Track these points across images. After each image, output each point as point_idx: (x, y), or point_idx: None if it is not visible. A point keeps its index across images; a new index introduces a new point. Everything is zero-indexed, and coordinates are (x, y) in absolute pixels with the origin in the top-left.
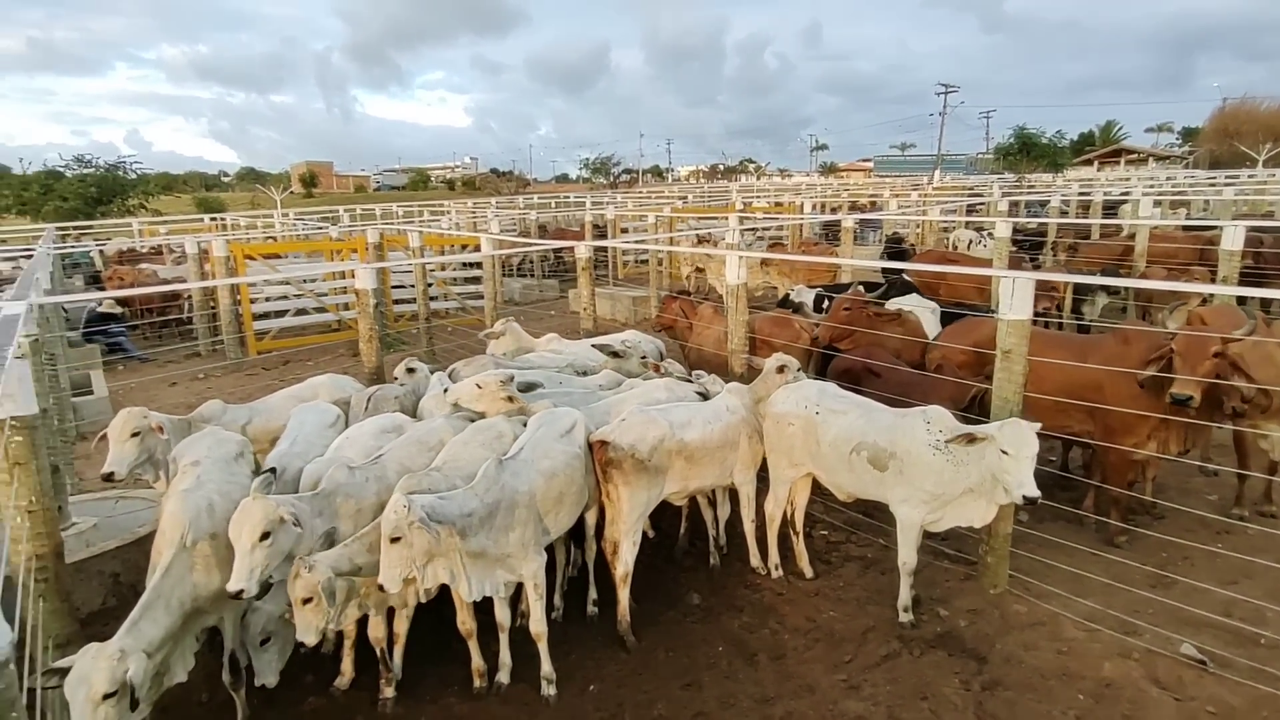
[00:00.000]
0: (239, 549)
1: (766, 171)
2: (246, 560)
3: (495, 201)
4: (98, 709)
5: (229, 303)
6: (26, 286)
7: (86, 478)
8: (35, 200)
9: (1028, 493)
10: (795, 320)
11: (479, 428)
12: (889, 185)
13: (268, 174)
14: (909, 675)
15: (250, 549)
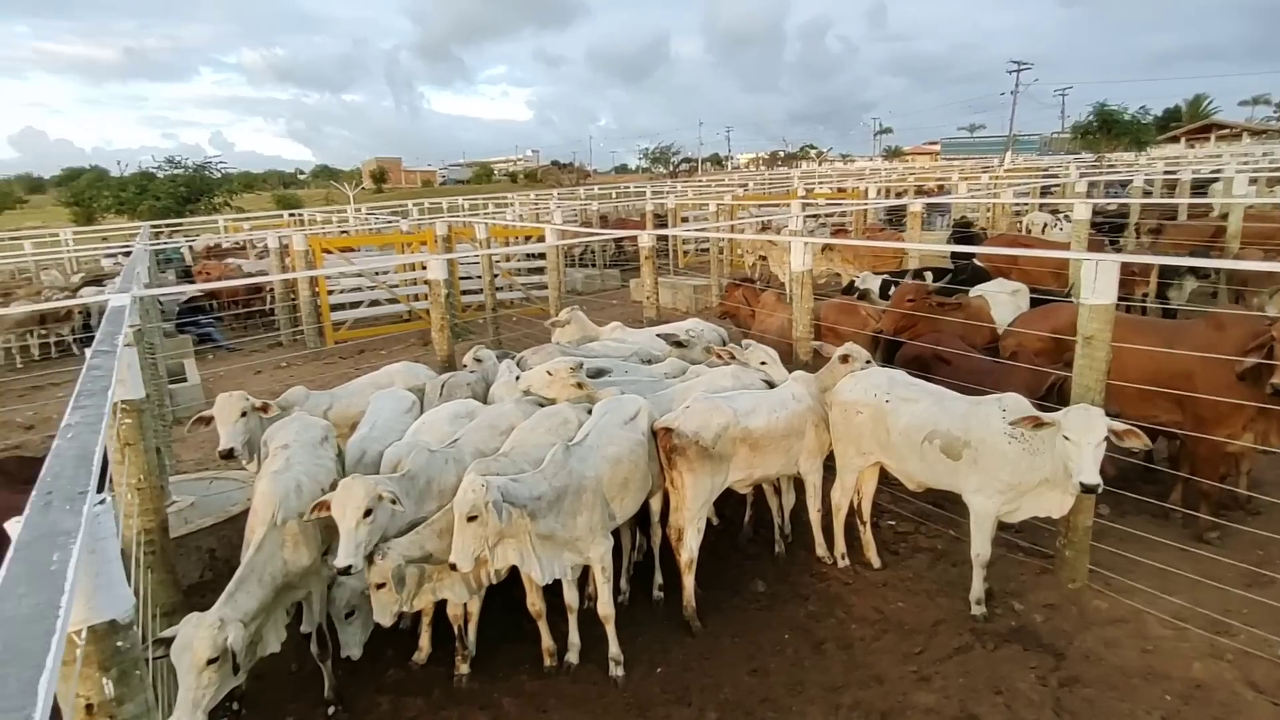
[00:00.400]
0: (344, 526)
1: (828, 157)
2: (352, 537)
3: (557, 193)
4: (202, 673)
5: (308, 294)
6: (129, 280)
7: (183, 460)
8: (132, 200)
9: (1085, 480)
10: (861, 307)
11: (546, 414)
12: (957, 168)
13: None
14: (982, 669)
15: (355, 526)
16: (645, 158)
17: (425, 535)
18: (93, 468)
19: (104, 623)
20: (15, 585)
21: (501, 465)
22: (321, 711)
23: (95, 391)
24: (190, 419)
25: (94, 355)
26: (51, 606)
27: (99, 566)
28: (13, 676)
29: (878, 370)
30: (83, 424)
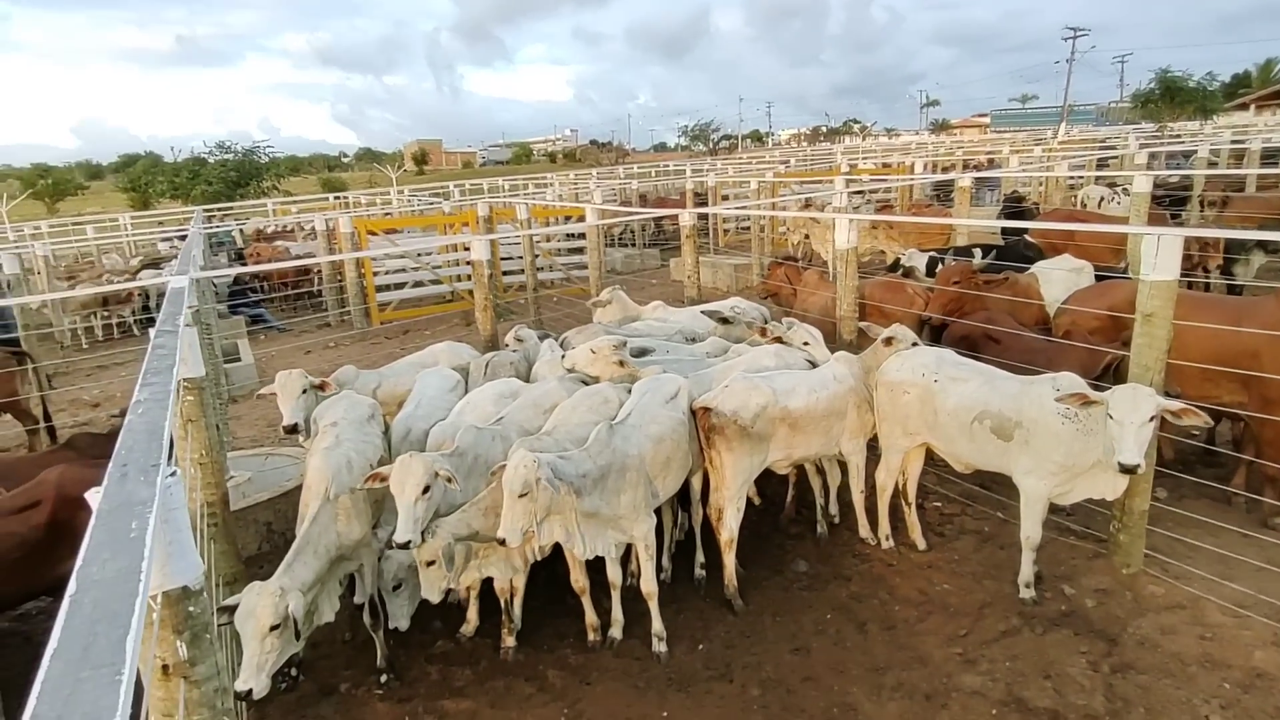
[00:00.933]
0: (403, 503)
1: (872, 132)
2: (410, 513)
3: (596, 173)
4: (265, 639)
5: (354, 276)
6: (186, 263)
7: (238, 437)
8: (185, 185)
9: (1125, 459)
10: (907, 285)
11: (586, 393)
12: (1008, 141)
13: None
14: (1030, 653)
15: (413, 502)
16: (685, 135)
17: (472, 514)
18: (163, 442)
19: (177, 588)
20: (100, 551)
21: (544, 444)
22: (374, 679)
23: (161, 370)
24: (244, 397)
25: (158, 335)
26: (134, 571)
27: (171, 535)
28: (103, 635)
29: (925, 349)
30: (151, 400)
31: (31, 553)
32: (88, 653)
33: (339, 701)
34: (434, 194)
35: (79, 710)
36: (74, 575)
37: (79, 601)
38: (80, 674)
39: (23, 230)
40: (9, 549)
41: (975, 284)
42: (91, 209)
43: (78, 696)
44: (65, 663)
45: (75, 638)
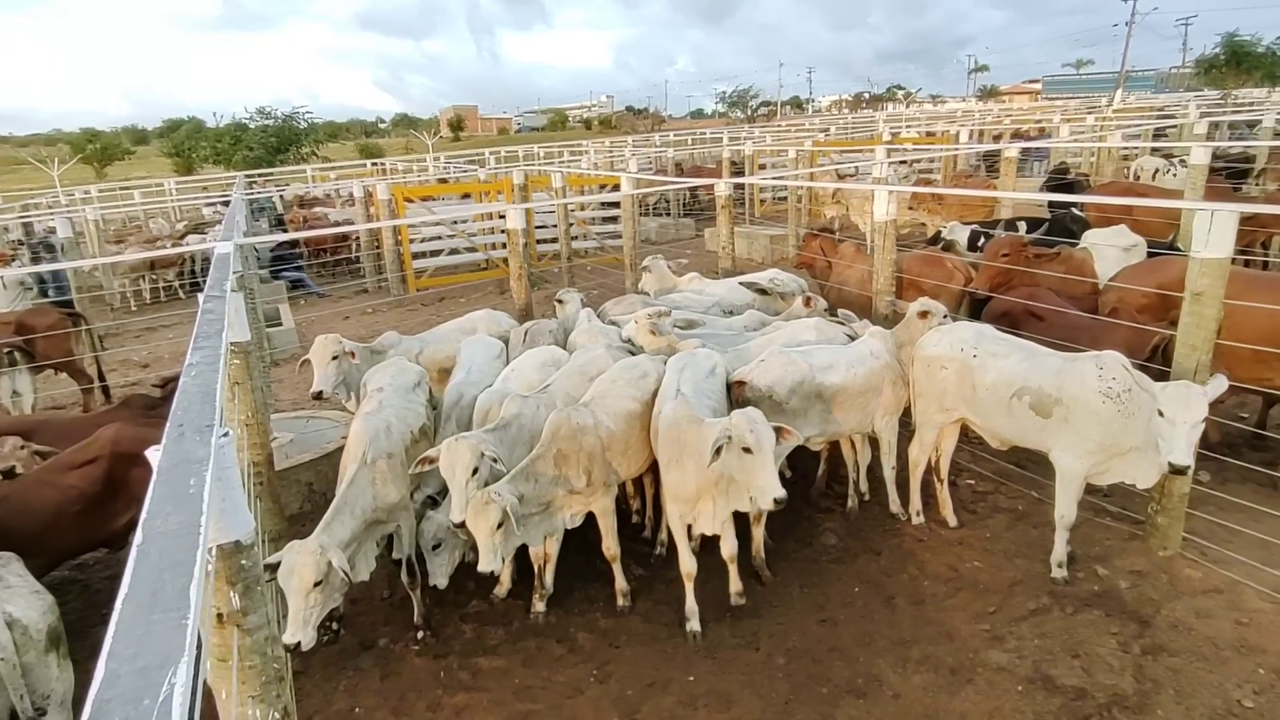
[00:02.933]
0: (454, 485)
1: (916, 98)
2: (462, 494)
3: (631, 140)
4: (309, 594)
5: (392, 243)
6: (231, 229)
7: (280, 399)
8: (227, 150)
9: (1175, 460)
10: (947, 259)
11: (625, 366)
12: (1059, 108)
13: (419, 119)
14: (1059, 631)
15: (464, 484)
16: (722, 102)
17: (517, 479)
18: (216, 403)
19: (230, 542)
20: (163, 505)
21: (581, 415)
22: (411, 635)
23: (211, 334)
24: (286, 360)
25: (206, 300)
26: (194, 524)
27: (224, 492)
28: (169, 583)
29: (965, 324)
30: (203, 363)
31: (90, 506)
32: (156, 598)
33: (378, 655)
34: (469, 160)
35: (151, 649)
36: (140, 527)
37: (146, 551)
38: (151, 617)
39: (74, 194)
40: (69, 502)
41: (1025, 258)
42: (138, 173)
43: (149, 637)
44: (136, 606)
45: (144, 584)
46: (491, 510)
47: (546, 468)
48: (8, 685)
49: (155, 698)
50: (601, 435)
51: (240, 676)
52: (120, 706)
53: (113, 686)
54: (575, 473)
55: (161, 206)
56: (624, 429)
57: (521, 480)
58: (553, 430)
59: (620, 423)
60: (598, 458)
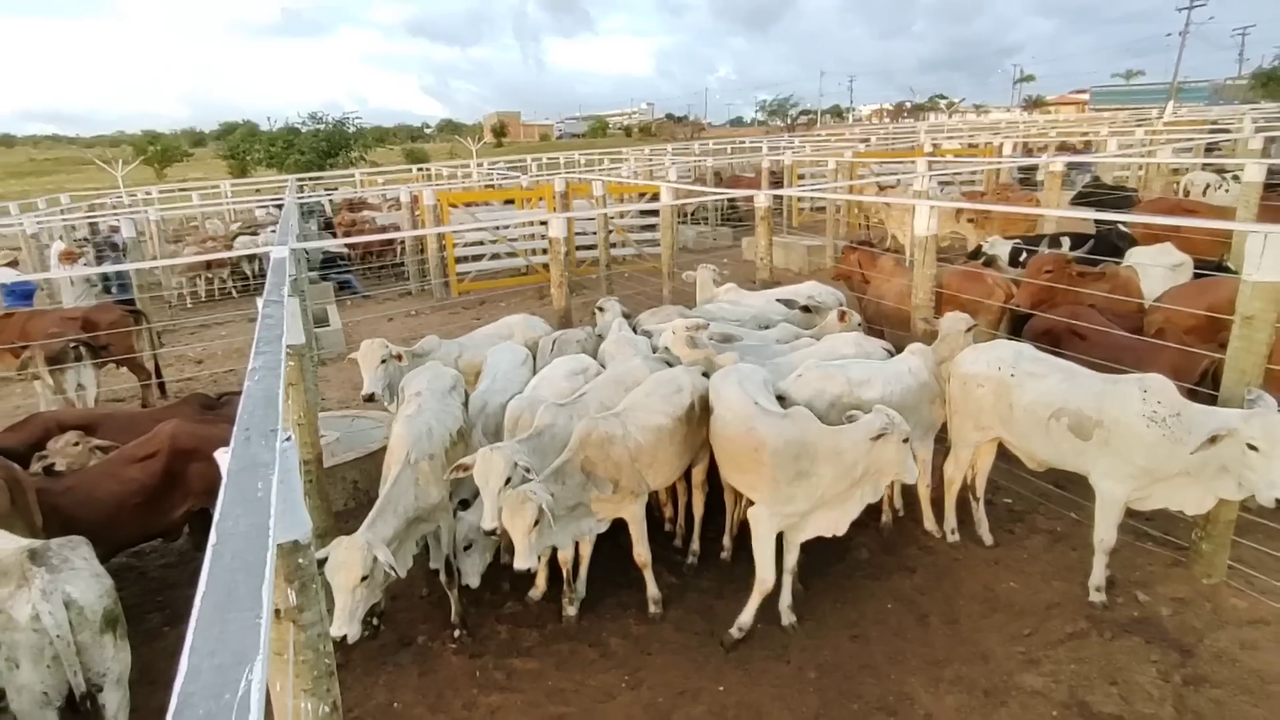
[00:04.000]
0: (487, 494)
1: (959, 108)
2: (494, 502)
3: (671, 148)
4: (355, 590)
5: (436, 247)
6: (285, 233)
7: (326, 398)
8: (280, 154)
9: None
10: (988, 275)
11: (660, 380)
12: (1107, 120)
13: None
14: (1097, 657)
15: (497, 494)
16: (762, 110)
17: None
18: (279, 408)
19: (289, 542)
20: (234, 508)
21: (610, 425)
22: (448, 634)
23: (271, 339)
24: (333, 360)
25: (266, 305)
26: (263, 527)
27: (285, 494)
28: (242, 583)
29: (1004, 342)
30: (265, 368)
31: (149, 498)
32: (231, 598)
33: (416, 652)
34: (511, 167)
35: (229, 646)
36: (214, 528)
37: (220, 552)
38: (227, 615)
39: (136, 195)
40: (131, 494)
41: (1069, 275)
42: (195, 175)
43: (226, 634)
44: (214, 605)
45: (220, 584)
46: (528, 509)
47: (574, 472)
48: (63, 661)
49: (235, 693)
50: (629, 446)
51: (295, 671)
52: (203, 701)
53: (195, 681)
54: (602, 480)
55: (217, 208)
56: (653, 441)
57: (552, 481)
58: (581, 437)
59: (649, 435)
60: (625, 467)
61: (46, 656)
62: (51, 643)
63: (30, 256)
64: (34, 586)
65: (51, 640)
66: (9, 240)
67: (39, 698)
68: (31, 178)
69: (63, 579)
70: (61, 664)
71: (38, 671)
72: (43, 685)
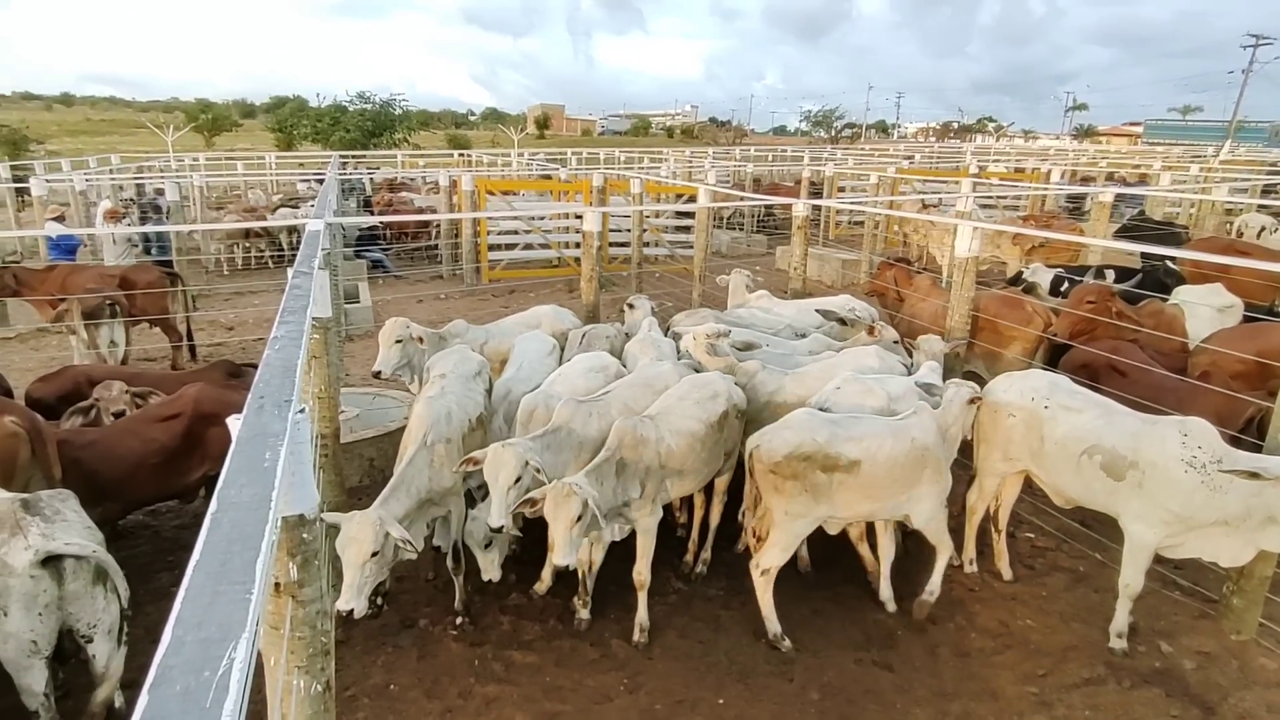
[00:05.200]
0: (496, 490)
1: (1007, 132)
2: (502, 499)
3: (712, 152)
4: (364, 565)
5: (470, 234)
6: (323, 207)
7: (350, 374)
8: (326, 130)
9: None
10: (1027, 302)
11: (695, 383)
12: (1160, 154)
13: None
14: (1113, 705)
15: (506, 490)
16: (806, 120)
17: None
18: (296, 379)
19: (294, 515)
20: (238, 476)
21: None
22: (450, 620)
23: (297, 309)
24: (359, 336)
25: (295, 276)
26: (265, 498)
27: (295, 467)
28: (237, 555)
29: (1039, 372)
30: (287, 338)
31: (169, 458)
32: (224, 569)
33: (417, 635)
34: (550, 159)
35: (215, 620)
36: (215, 495)
37: (219, 520)
38: (218, 587)
39: (183, 160)
40: (152, 453)
41: (1112, 308)
42: (242, 145)
43: (214, 607)
44: (205, 575)
45: (214, 554)
46: (573, 502)
47: (611, 473)
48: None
49: (215, 670)
50: (660, 451)
51: (290, 647)
52: (182, 675)
53: (177, 653)
54: (632, 483)
55: (260, 178)
56: (685, 447)
57: (594, 480)
58: (618, 438)
59: (682, 441)
60: (654, 472)
61: (38, 605)
62: (45, 590)
63: (77, 212)
64: (30, 534)
65: (46, 587)
66: (59, 195)
67: (27, 645)
68: (86, 136)
69: (56, 529)
70: (53, 613)
71: (28, 619)
72: (32, 634)
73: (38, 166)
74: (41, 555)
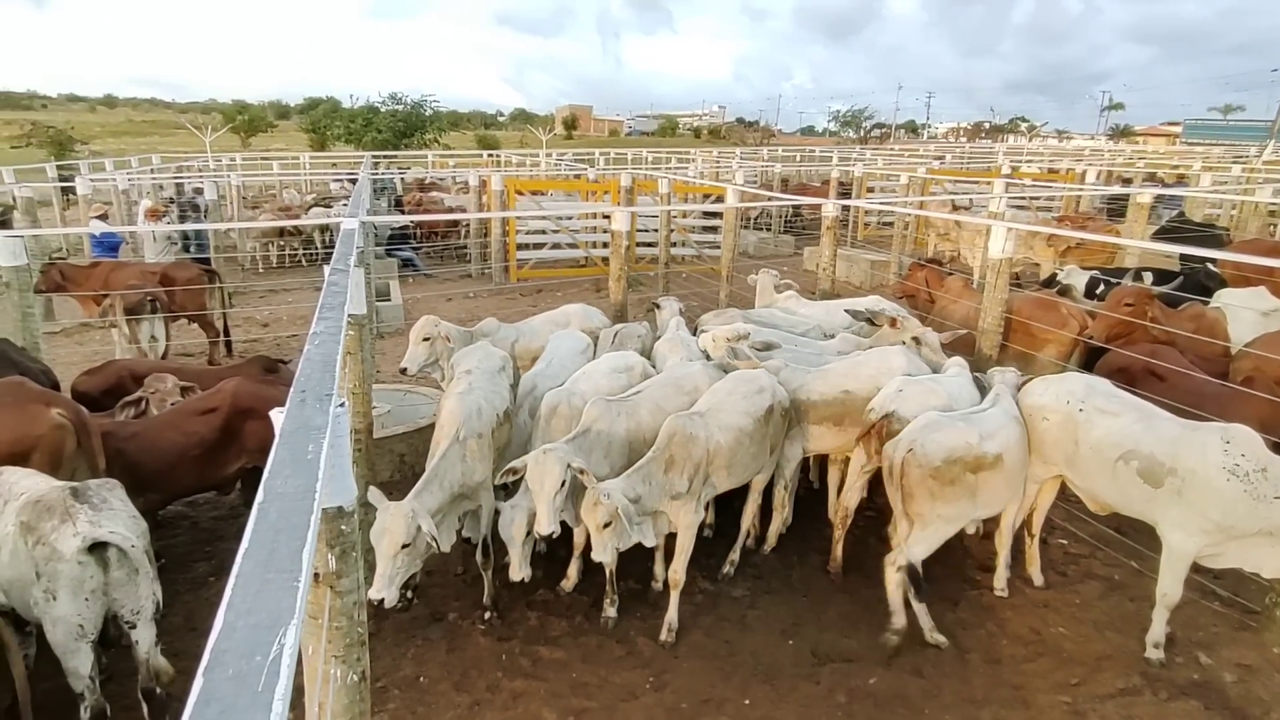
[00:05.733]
0: (543, 497)
1: (1041, 132)
2: (549, 506)
3: (739, 152)
4: (395, 556)
5: (499, 232)
6: (357, 206)
7: (381, 371)
8: (358, 131)
9: None
10: (1062, 304)
11: (742, 379)
12: (1200, 155)
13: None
14: (1149, 717)
15: (552, 496)
16: (835, 120)
17: (634, 480)
18: (335, 373)
19: (334, 507)
20: (283, 468)
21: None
22: (478, 614)
23: (334, 306)
24: (390, 334)
25: (332, 273)
26: (310, 489)
27: (335, 459)
28: (284, 544)
29: (1076, 375)
30: (326, 334)
31: (207, 451)
32: (272, 557)
33: (446, 629)
34: (578, 159)
35: (265, 607)
36: (261, 486)
37: (265, 510)
38: (266, 575)
39: (221, 161)
40: (191, 445)
41: (1150, 311)
42: (277, 145)
43: (264, 594)
44: (254, 563)
45: (262, 542)
46: (600, 511)
47: (658, 471)
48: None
49: (266, 655)
50: (709, 447)
51: (328, 636)
52: (235, 659)
53: (229, 638)
54: (680, 478)
55: (295, 178)
56: (732, 442)
57: (639, 481)
58: (668, 434)
59: (729, 436)
60: (702, 467)
61: (85, 590)
62: (92, 576)
63: (120, 210)
64: (79, 521)
65: (92, 573)
66: (102, 194)
67: (74, 630)
68: (128, 137)
69: (103, 517)
70: (99, 598)
71: (75, 604)
72: (79, 618)
73: (82, 166)
74: (89, 542)
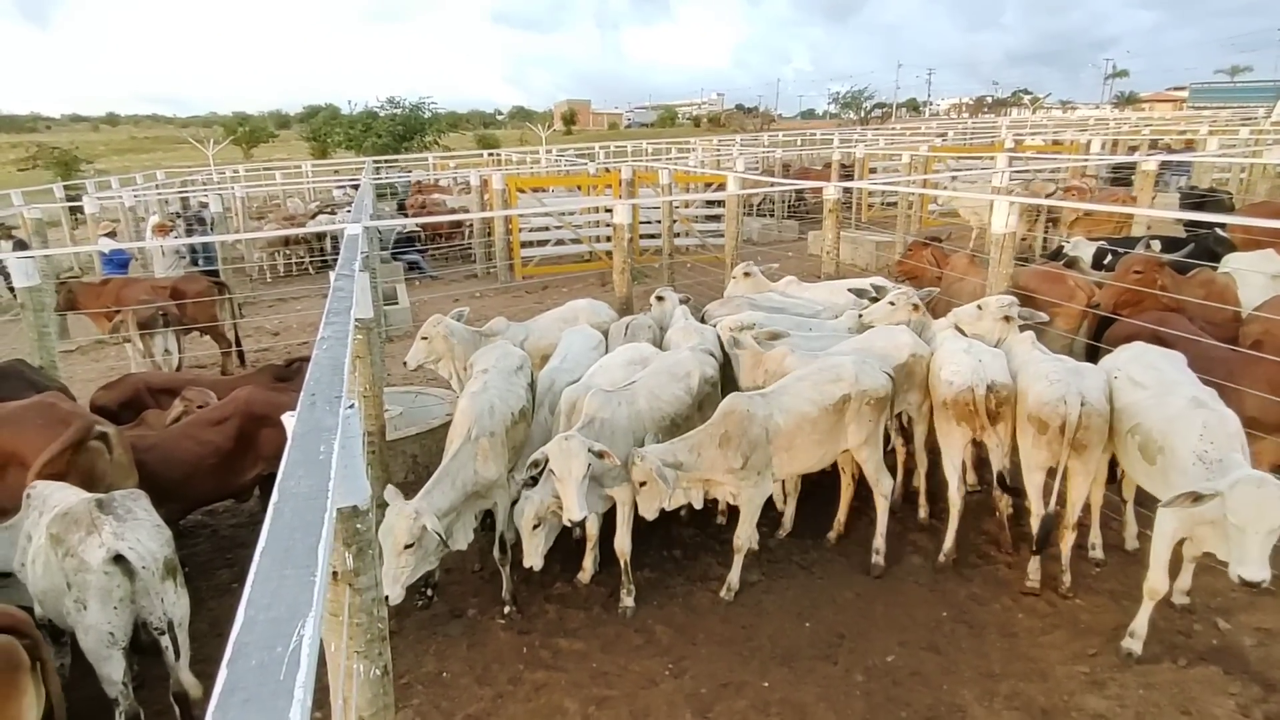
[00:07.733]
0: (570, 482)
1: (1044, 104)
2: (578, 490)
3: (740, 139)
4: (401, 555)
5: (503, 231)
6: (360, 212)
7: (392, 374)
8: (358, 137)
9: (1246, 575)
10: (1069, 276)
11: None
12: (1207, 119)
13: (534, 112)
14: (1168, 684)
15: (580, 480)
16: (835, 102)
17: (679, 447)
18: (344, 376)
19: (349, 507)
20: (296, 469)
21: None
22: (498, 609)
23: (341, 310)
24: (399, 337)
25: (338, 279)
26: (323, 489)
27: (347, 460)
28: (300, 541)
29: (1137, 345)
30: (333, 338)
31: (224, 459)
32: (289, 554)
33: (466, 625)
34: (579, 154)
35: (284, 601)
36: (276, 487)
37: (280, 510)
38: (284, 571)
39: (224, 173)
40: (207, 455)
41: (1160, 278)
42: (279, 155)
43: (282, 589)
44: (271, 560)
45: (279, 540)
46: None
47: (710, 445)
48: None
49: (287, 646)
50: (769, 428)
51: (349, 633)
52: (257, 651)
53: (250, 631)
54: (734, 455)
55: (298, 187)
56: (793, 427)
57: (684, 450)
58: (725, 411)
59: (791, 420)
60: (761, 446)
61: (113, 599)
62: (119, 585)
63: (127, 227)
64: (104, 532)
65: (119, 583)
66: (109, 212)
67: (105, 637)
68: (132, 154)
69: (127, 529)
70: (127, 606)
71: (105, 612)
72: (109, 626)
73: (89, 185)
74: (113, 553)
